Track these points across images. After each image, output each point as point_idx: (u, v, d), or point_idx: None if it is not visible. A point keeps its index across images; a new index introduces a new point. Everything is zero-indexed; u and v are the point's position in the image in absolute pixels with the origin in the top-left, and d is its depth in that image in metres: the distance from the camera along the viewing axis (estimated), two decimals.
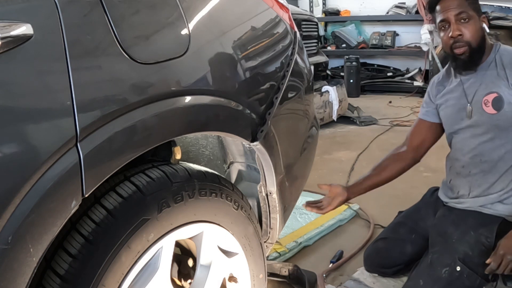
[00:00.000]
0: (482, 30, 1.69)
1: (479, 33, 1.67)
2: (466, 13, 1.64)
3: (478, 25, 1.67)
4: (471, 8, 1.65)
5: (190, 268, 1.29)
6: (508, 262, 1.52)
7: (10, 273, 0.80)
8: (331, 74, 6.48)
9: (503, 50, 1.70)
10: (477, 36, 1.66)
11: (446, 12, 1.66)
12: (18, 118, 0.80)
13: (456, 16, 1.64)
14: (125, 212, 1.00)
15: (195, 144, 1.53)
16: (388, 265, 1.92)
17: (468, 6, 1.64)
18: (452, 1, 1.65)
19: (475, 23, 1.66)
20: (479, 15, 1.68)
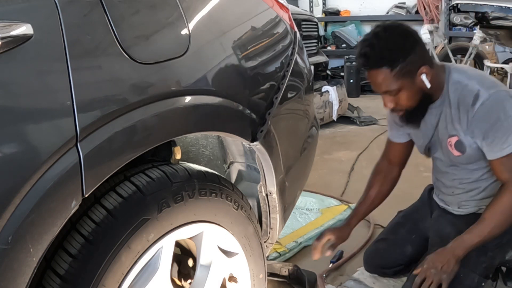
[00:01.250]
0: (421, 89, 1.53)
1: (416, 96, 1.54)
2: (394, 89, 1.50)
3: (412, 90, 1.52)
4: (401, 77, 1.48)
5: (190, 268, 1.29)
6: (432, 276, 1.53)
7: (10, 273, 0.80)
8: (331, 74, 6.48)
9: (453, 84, 1.57)
10: (412, 101, 1.55)
11: (374, 86, 1.54)
12: (18, 118, 0.80)
13: (384, 92, 1.54)
14: (125, 212, 1.00)
15: (195, 144, 1.53)
16: (389, 265, 1.91)
17: (395, 78, 1.47)
18: (376, 75, 1.49)
19: (408, 90, 1.51)
20: (414, 74, 1.50)
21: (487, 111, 1.50)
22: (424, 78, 1.51)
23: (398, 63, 1.46)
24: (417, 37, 1.53)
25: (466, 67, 1.69)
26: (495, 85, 1.54)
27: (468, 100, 1.52)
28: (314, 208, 2.67)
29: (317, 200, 2.76)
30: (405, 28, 1.51)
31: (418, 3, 6.53)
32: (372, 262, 1.95)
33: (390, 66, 1.46)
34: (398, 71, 1.47)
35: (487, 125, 1.50)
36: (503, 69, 5.36)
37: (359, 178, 3.24)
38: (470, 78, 1.56)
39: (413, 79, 1.51)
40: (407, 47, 1.48)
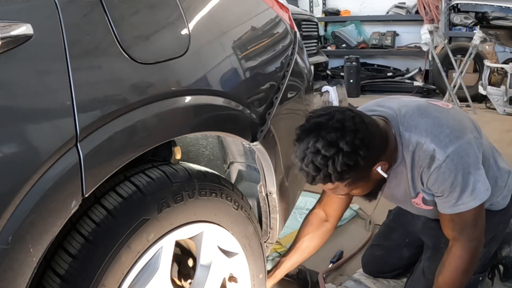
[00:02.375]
0: (376, 179, 1.39)
1: (371, 186, 1.41)
2: (346, 193, 1.39)
3: (367, 185, 1.40)
4: (353, 183, 1.32)
5: (190, 268, 1.29)
6: None
7: (10, 273, 0.80)
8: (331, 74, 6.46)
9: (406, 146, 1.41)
10: (367, 190, 1.43)
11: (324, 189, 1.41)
12: (18, 118, 0.80)
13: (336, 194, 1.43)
14: (125, 212, 1.00)
15: (195, 144, 1.53)
16: (388, 270, 1.92)
17: (347, 186, 1.32)
18: (324, 186, 1.33)
19: (362, 186, 1.39)
20: (368, 174, 1.34)
21: (442, 174, 1.36)
22: (380, 171, 1.35)
23: (349, 176, 1.28)
24: (367, 137, 1.26)
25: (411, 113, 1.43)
26: (453, 138, 1.37)
27: (422, 161, 1.39)
28: None
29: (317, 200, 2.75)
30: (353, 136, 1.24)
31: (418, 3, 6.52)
32: (371, 268, 1.95)
33: (339, 180, 1.28)
34: (350, 181, 1.30)
35: (443, 187, 1.39)
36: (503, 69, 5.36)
37: None
38: (423, 134, 1.38)
39: (368, 177, 1.35)
40: (358, 161, 1.25)
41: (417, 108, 1.46)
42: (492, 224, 1.59)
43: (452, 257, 1.45)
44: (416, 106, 1.47)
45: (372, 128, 1.32)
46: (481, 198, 1.39)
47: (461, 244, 1.44)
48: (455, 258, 1.44)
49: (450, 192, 1.38)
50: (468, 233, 1.43)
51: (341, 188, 1.33)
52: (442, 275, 1.47)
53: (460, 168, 1.36)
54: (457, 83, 5.39)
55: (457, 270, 1.45)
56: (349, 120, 1.26)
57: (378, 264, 1.92)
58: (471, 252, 1.43)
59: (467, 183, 1.37)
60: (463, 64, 5.43)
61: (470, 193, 1.37)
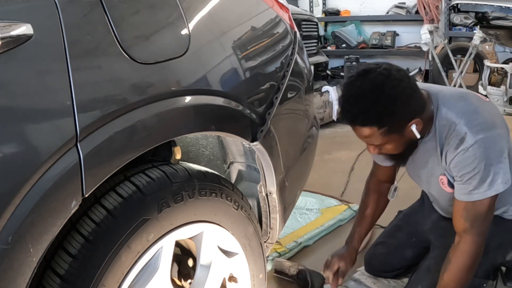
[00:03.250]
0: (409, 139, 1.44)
1: (403, 145, 1.46)
2: (379, 144, 1.43)
3: (400, 141, 1.44)
4: (388, 133, 1.38)
5: (190, 268, 1.29)
6: None
7: (10, 273, 0.80)
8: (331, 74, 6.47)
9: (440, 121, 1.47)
10: (398, 149, 1.47)
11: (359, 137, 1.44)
12: (18, 118, 0.80)
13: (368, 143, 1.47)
14: (125, 212, 1.00)
15: (195, 144, 1.53)
16: (389, 269, 1.92)
17: (382, 135, 1.38)
18: (361, 131, 1.39)
19: (395, 142, 1.43)
20: (403, 128, 1.39)
21: (466, 158, 1.40)
22: (414, 129, 1.40)
23: (387, 123, 1.35)
24: (408, 89, 1.36)
25: (453, 95, 1.51)
26: (485, 127, 1.42)
27: (453, 142, 1.43)
28: (314, 208, 2.67)
29: (317, 200, 2.75)
30: (396, 83, 1.33)
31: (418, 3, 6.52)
32: (373, 266, 1.95)
33: (377, 126, 1.35)
34: (386, 129, 1.36)
35: (464, 171, 1.43)
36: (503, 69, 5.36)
37: (359, 178, 3.23)
38: (459, 115, 1.43)
39: (402, 132, 1.41)
40: (397, 109, 1.33)
41: (458, 91, 1.58)
42: (501, 231, 1.61)
43: (460, 252, 1.47)
44: (457, 90, 1.61)
45: (414, 86, 1.40)
46: (497, 189, 1.42)
47: (471, 237, 1.45)
48: (463, 253, 1.46)
49: (469, 178, 1.42)
50: (478, 226, 1.45)
51: (376, 137, 1.39)
52: (448, 272, 1.48)
53: (484, 157, 1.40)
54: (457, 83, 5.39)
55: (465, 267, 1.46)
56: (395, 71, 1.36)
57: (380, 262, 1.92)
58: (479, 247, 1.46)
59: (488, 174, 1.40)
60: (463, 64, 5.43)
61: (488, 184, 1.41)
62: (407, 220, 1.93)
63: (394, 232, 1.94)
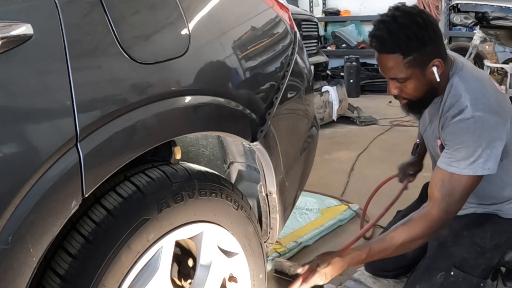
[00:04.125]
0: (429, 81, 1.48)
1: (423, 88, 1.50)
2: (402, 77, 1.46)
3: (421, 81, 1.47)
4: (412, 66, 1.43)
5: (190, 268, 1.29)
6: None
7: (10, 273, 0.80)
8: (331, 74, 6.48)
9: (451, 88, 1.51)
10: (418, 92, 1.50)
11: (382, 69, 1.49)
12: (18, 118, 0.80)
13: (391, 78, 1.49)
14: (125, 212, 1.00)
15: (195, 144, 1.53)
16: (389, 268, 1.92)
17: (406, 66, 1.43)
18: (387, 60, 1.44)
19: (416, 80, 1.47)
20: (426, 65, 1.45)
21: (459, 128, 1.44)
22: (435, 71, 1.46)
23: (412, 52, 1.41)
24: (436, 27, 1.46)
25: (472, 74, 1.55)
26: (488, 109, 1.43)
27: (452, 110, 1.47)
28: (314, 208, 2.67)
29: (317, 200, 2.76)
30: (426, 17, 1.44)
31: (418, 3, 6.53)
32: (373, 265, 1.95)
33: (403, 54, 1.41)
34: (411, 60, 1.42)
35: (452, 141, 1.46)
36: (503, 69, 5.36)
37: (359, 178, 3.24)
38: (468, 91, 1.47)
39: (424, 70, 1.46)
40: (425, 38, 1.42)
41: (479, 72, 1.62)
42: (498, 231, 1.61)
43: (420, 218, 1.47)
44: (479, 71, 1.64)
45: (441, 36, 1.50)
46: (475, 171, 1.42)
47: (437, 210, 1.45)
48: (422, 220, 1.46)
49: (454, 150, 1.44)
50: (448, 203, 1.45)
51: (399, 68, 1.43)
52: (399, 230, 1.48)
53: (475, 135, 1.42)
54: None
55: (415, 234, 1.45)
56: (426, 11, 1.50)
57: (380, 262, 1.92)
58: (439, 223, 1.45)
59: (473, 153, 1.41)
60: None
61: (470, 163, 1.42)
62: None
63: None
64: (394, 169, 2.16)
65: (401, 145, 3.98)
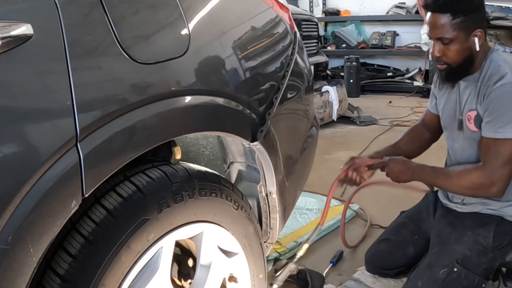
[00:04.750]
0: (470, 48, 1.59)
1: (464, 53, 1.59)
2: (448, 38, 1.57)
3: (463, 46, 1.58)
4: (458, 28, 1.55)
5: (190, 268, 1.29)
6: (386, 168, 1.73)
7: (10, 273, 0.80)
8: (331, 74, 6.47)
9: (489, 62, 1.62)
10: (459, 57, 1.60)
11: (432, 29, 1.61)
12: (18, 118, 0.80)
13: (438, 38, 1.59)
14: (125, 212, 1.00)
15: (195, 144, 1.53)
16: (390, 267, 1.92)
17: (453, 28, 1.55)
18: (438, 19, 1.57)
19: (459, 44, 1.58)
20: (470, 32, 1.57)
21: (501, 93, 1.53)
22: (476, 40, 1.57)
23: (461, 14, 1.53)
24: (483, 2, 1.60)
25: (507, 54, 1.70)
26: None
27: (494, 78, 1.57)
28: (314, 208, 2.67)
29: (317, 200, 2.75)
30: None
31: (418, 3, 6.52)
32: (374, 263, 1.95)
33: (453, 15, 1.54)
34: (459, 22, 1.54)
35: (496, 106, 1.54)
36: None
37: None
38: (506, 62, 1.59)
39: (468, 36, 1.57)
40: (475, 4, 1.56)
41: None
42: (501, 233, 1.62)
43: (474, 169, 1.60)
44: None
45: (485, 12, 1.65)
46: None
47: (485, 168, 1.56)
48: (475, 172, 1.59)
49: (498, 115, 1.53)
50: (495, 165, 1.54)
51: (447, 28, 1.55)
52: (460, 172, 1.62)
53: None
54: None
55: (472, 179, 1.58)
56: None
57: (381, 259, 1.92)
58: (484, 180, 1.56)
59: None
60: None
61: None
62: (410, 217, 1.95)
63: (398, 229, 1.95)
64: None
65: None
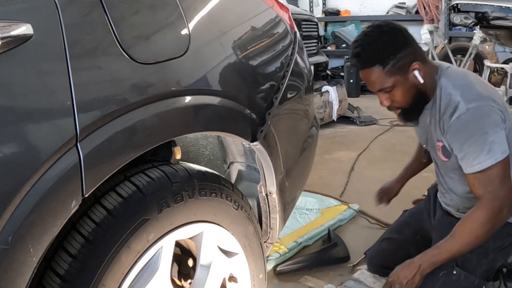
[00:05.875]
0: (414, 85, 1.55)
1: (410, 92, 1.56)
2: (388, 86, 1.53)
3: (406, 86, 1.54)
4: (393, 73, 1.51)
5: (190, 268, 1.29)
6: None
7: (10, 273, 0.80)
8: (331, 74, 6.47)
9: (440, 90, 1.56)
10: (407, 98, 1.57)
11: (368, 84, 1.58)
12: (18, 118, 0.80)
13: (378, 90, 1.57)
14: (125, 212, 1.00)
15: (195, 144, 1.53)
16: (392, 266, 1.91)
17: (388, 76, 1.51)
18: (369, 74, 1.53)
19: (402, 86, 1.54)
20: (406, 70, 1.52)
21: (461, 126, 1.48)
22: (417, 74, 1.53)
23: (389, 60, 1.49)
24: (407, 34, 1.55)
25: (457, 72, 1.62)
26: (479, 98, 1.49)
27: (448, 110, 1.52)
28: (314, 208, 2.67)
29: (317, 200, 2.76)
30: (394, 26, 1.54)
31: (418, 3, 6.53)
32: (375, 262, 1.95)
33: (381, 64, 1.50)
34: (390, 67, 1.50)
35: (460, 140, 1.49)
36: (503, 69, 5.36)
37: (359, 178, 3.24)
38: (456, 87, 1.53)
39: (406, 75, 1.53)
40: (397, 44, 1.51)
41: (464, 71, 1.71)
42: (502, 234, 1.60)
43: (476, 211, 1.50)
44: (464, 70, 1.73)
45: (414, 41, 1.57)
46: (496, 158, 1.45)
47: (485, 199, 1.48)
48: (478, 212, 1.49)
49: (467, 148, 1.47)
50: (493, 191, 1.47)
51: (382, 78, 1.52)
52: (460, 227, 1.52)
53: (477, 124, 1.46)
54: None
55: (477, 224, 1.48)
56: (398, 25, 1.57)
57: (383, 258, 1.92)
58: (493, 209, 1.47)
59: (485, 142, 1.45)
60: (463, 64, 5.43)
61: (487, 152, 1.45)
62: (413, 217, 1.95)
63: (401, 228, 1.95)
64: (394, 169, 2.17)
65: (401, 145, 3.98)
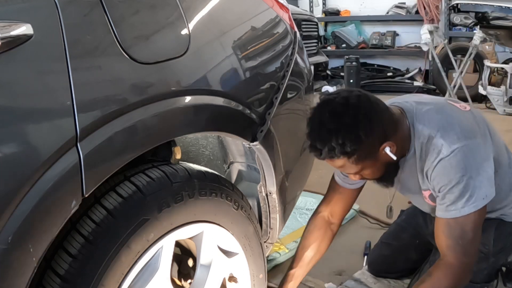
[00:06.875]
0: (386, 161, 1.39)
1: (382, 168, 1.42)
2: (356, 171, 1.39)
3: (376, 165, 1.39)
4: (360, 160, 1.33)
5: (190, 268, 1.29)
6: None
7: (10, 273, 0.80)
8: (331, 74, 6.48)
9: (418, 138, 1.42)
10: (379, 173, 1.43)
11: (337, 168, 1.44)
12: (18, 118, 0.80)
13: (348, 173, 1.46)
14: (125, 212, 1.00)
15: (195, 144, 1.53)
16: (394, 270, 1.92)
17: (355, 163, 1.34)
18: (334, 163, 1.37)
19: (371, 167, 1.39)
20: (375, 154, 1.35)
21: (443, 169, 1.35)
22: (388, 152, 1.34)
23: (354, 152, 1.30)
24: (370, 114, 1.31)
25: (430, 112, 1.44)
26: (462, 136, 1.36)
27: (431, 155, 1.38)
28: (314, 208, 2.66)
29: (317, 200, 2.74)
30: (354, 111, 1.29)
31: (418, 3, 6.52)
32: (377, 267, 1.95)
33: (346, 156, 1.31)
34: (356, 158, 1.32)
35: (441, 183, 1.37)
36: (503, 69, 5.35)
37: None
38: (436, 129, 1.39)
39: (376, 157, 1.36)
40: (360, 136, 1.28)
41: (434, 105, 1.49)
42: (502, 235, 1.60)
43: (442, 272, 1.35)
44: (434, 104, 1.50)
45: (378, 107, 1.34)
46: (476, 205, 1.34)
47: (454, 256, 1.34)
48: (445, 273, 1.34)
49: (447, 192, 1.35)
50: (464, 244, 1.34)
51: (349, 166, 1.35)
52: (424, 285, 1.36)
53: (461, 167, 1.34)
54: (457, 83, 5.38)
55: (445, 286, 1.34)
56: (354, 97, 1.31)
57: (385, 264, 1.92)
58: (464, 270, 1.35)
59: (467, 187, 1.33)
60: (463, 64, 5.43)
61: (467, 199, 1.33)
62: (409, 221, 1.93)
63: (397, 233, 1.94)
64: None
65: None
